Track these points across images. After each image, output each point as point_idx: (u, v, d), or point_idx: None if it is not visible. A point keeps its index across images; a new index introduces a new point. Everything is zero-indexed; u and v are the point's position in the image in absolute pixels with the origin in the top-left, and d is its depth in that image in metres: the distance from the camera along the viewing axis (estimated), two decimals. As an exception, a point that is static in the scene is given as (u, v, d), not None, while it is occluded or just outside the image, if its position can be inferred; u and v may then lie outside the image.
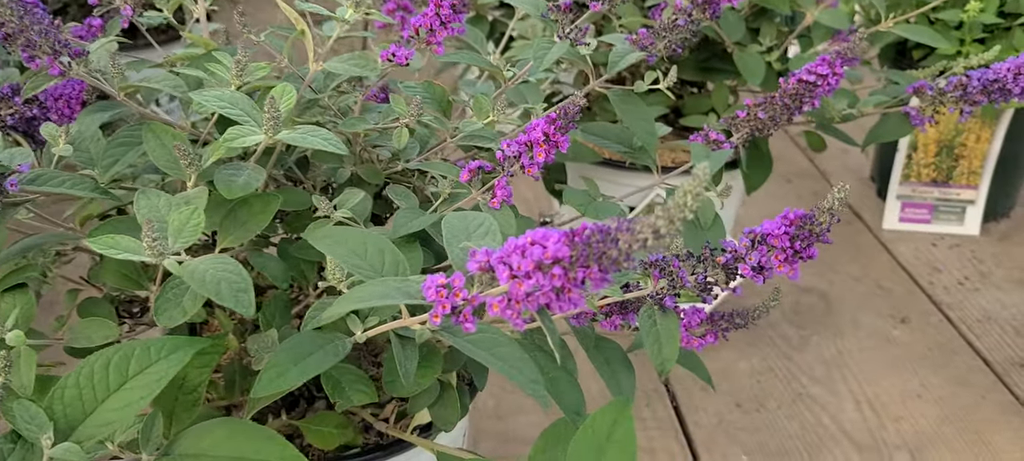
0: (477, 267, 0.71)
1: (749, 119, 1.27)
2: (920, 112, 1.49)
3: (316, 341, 0.84)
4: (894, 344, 1.87)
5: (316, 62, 0.98)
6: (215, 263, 0.80)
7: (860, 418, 1.67)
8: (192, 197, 0.86)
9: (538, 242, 0.68)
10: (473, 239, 0.80)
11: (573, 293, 0.68)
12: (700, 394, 1.71)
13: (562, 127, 0.92)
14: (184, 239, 0.79)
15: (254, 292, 1.15)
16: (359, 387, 0.92)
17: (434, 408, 1.00)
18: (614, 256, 0.64)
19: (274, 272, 0.96)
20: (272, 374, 0.80)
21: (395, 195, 0.99)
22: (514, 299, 0.69)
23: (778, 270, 0.81)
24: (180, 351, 0.78)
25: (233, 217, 0.90)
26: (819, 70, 1.26)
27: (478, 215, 0.83)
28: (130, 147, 0.91)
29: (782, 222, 0.81)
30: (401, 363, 0.85)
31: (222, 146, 0.84)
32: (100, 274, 0.99)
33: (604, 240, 0.64)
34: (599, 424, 0.88)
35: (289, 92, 0.86)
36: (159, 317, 0.83)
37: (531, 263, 0.67)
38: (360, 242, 0.83)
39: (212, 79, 0.92)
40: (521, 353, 0.81)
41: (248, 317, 0.79)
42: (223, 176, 0.88)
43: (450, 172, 0.98)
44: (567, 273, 0.66)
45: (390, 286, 0.75)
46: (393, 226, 0.93)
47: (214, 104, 0.85)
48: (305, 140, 0.83)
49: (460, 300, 0.72)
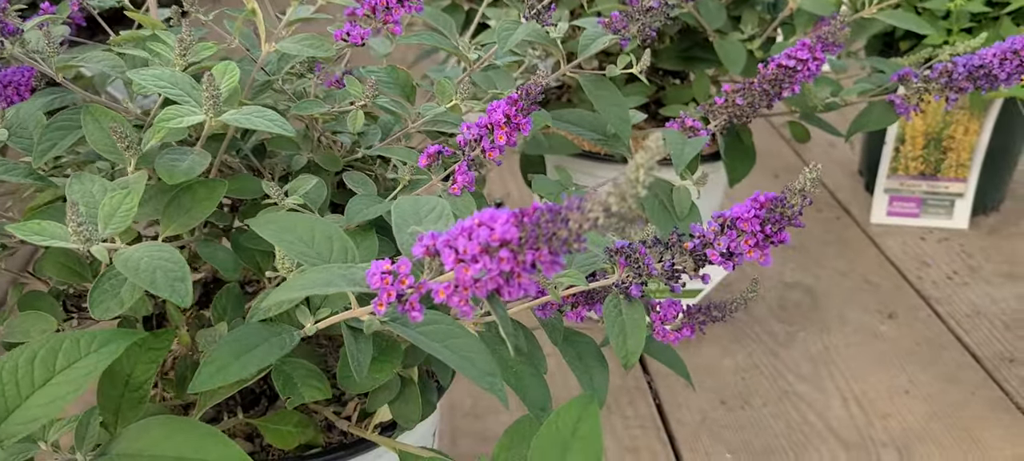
0: (423, 251, 0.66)
1: (727, 106, 1.23)
2: (905, 100, 1.45)
3: (261, 334, 0.79)
4: (882, 340, 1.83)
5: (269, 43, 0.93)
6: (150, 250, 0.75)
7: (847, 415, 1.63)
8: (131, 183, 0.82)
9: (485, 223, 0.63)
10: (424, 224, 0.76)
11: (523, 278, 0.63)
12: (683, 391, 1.67)
13: (524, 108, 0.87)
14: (115, 224, 0.74)
15: (213, 286, 1.12)
16: (312, 383, 0.87)
17: (395, 405, 0.96)
18: (564, 237, 0.59)
19: (223, 263, 0.91)
20: (211, 369, 0.76)
21: (352, 182, 0.94)
22: (461, 285, 0.64)
23: (748, 256, 0.76)
24: (112, 345, 0.73)
25: (177, 204, 0.85)
26: (799, 55, 1.22)
27: (431, 199, 0.78)
28: (69, 131, 0.87)
29: (752, 205, 0.76)
30: (353, 357, 0.81)
31: (160, 128, 0.79)
32: (44, 267, 0.94)
33: (554, 220, 0.59)
34: (563, 420, 0.84)
35: (231, 70, 0.82)
36: (94, 309, 0.78)
37: (477, 246, 0.62)
38: (307, 229, 0.79)
39: (156, 59, 0.88)
40: (477, 345, 0.76)
41: (183, 306, 0.74)
42: (165, 161, 0.83)
43: (409, 158, 0.93)
44: (516, 256, 0.62)
45: (334, 273, 0.70)
46: (347, 213, 0.89)
47: (153, 84, 0.80)
48: (249, 121, 0.79)
49: (406, 287, 0.68)
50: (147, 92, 0.85)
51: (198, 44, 0.88)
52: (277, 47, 0.92)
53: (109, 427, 0.85)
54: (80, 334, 0.73)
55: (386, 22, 0.93)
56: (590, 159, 1.62)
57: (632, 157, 1.22)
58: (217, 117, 0.79)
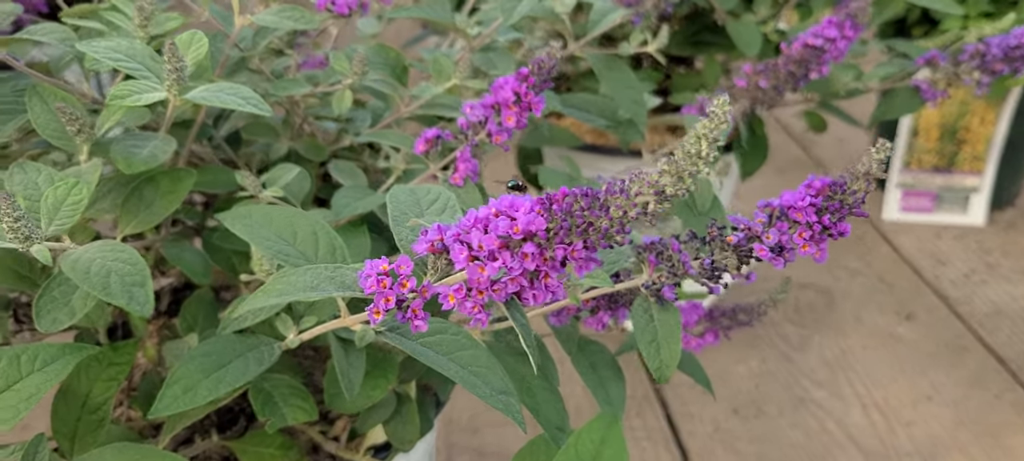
0: (427, 247, 0.55)
1: (749, 89, 1.12)
2: (933, 85, 1.34)
3: (235, 347, 0.68)
4: (900, 342, 1.72)
5: (243, 15, 0.82)
6: (104, 251, 0.64)
7: (868, 424, 1.52)
8: (83, 172, 0.70)
9: (504, 213, 0.52)
10: (426, 216, 0.64)
11: (551, 279, 0.52)
12: (694, 400, 1.56)
13: (536, 85, 0.76)
14: (61, 220, 0.63)
15: (184, 292, 1.00)
16: (295, 402, 0.76)
17: (390, 425, 0.84)
18: (604, 227, 0.48)
19: (192, 266, 0.79)
20: (177, 390, 0.64)
21: (338, 172, 0.83)
22: (475, 287, 0.53)
23: (802, 251, 0.66)
24: (59, 362, 0.62)
25: (137, 198, 0.73)
26: (827, 33, 1.12)
27: (433, 188, 0.67)
28: (12, 115, 0.75)
29: (806, 192, 0.66)
30: (344, 373, 0.70)
31: (115, 107, 0.68)
32: (-14, 272, 0.83)
33: (591, 207, 0.48)
34: (584, 443, 0.73)
35: (199, 40, 0.70)
36: (40, 320, 0.66)
37: (496, 240, 0.51)
38: (287, 224, 0.67)
39: (113, 32, 0.76)
40: (488, 359, 0.65)
41: (143, 316, 0.62)
42: (122, 147, 0.72)
43: (404, 143, 0.82)
44: (543, 252, 0.51)
45: (320, 275, 0.59)
46: (334, 207, 0.77)
47: (106, 56, 0.68)
48: (219, 99, 0.67)
49: (407, 291, 0.56)
50: (100, 67, 0.73)
51: (161, 14, 0.76)
52: (253, 19, 0.80)
53: (65, 454, 0.74)
54: (20, 350, 0.62)
55: (375, -10, 0.82)
56: (593, 152, 1.51)
57: (645, 143, 1.12)
58: (181, 95, 0.68)
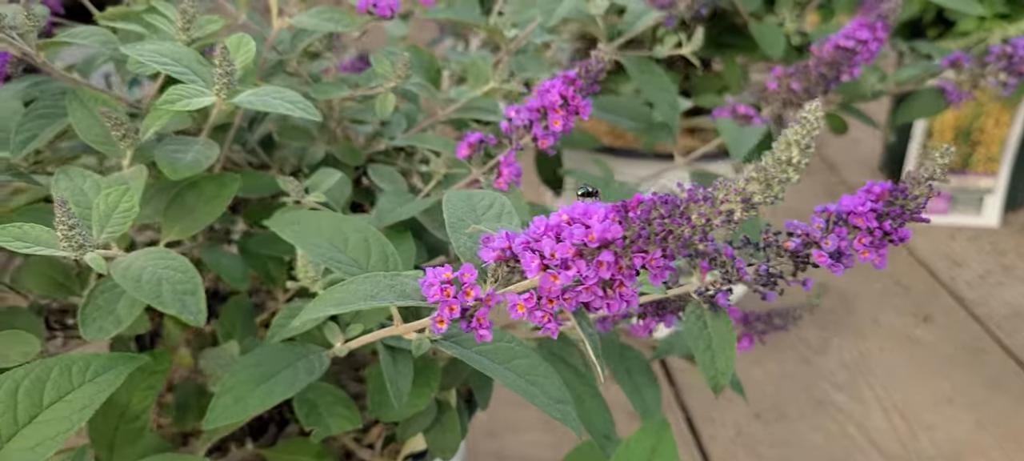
0: (495, 256, 0.54)
1: (781, 91, 1.11)
2: (958, 87, 1.34)
3: (285, 356, 0.67)
4: (919, 345, 1.72)
5: (281, 17, 0.81)
6: (154, 259, 0.62)
7: (889, 427, 1.51)
8: (128, 178, 0.69)
9: (578, 220, 0.51)
10: (483, 222, 0.63)
11: (625, 288, 0.51)
12: (715, 405, 1.55)
13: (583, 88, 0.75)
14: (113, 228, 0.61)
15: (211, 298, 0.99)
16: (339, 411, 0.75)
17: (431, 433, 0.83)
18: (685, 235, 0.47)
19: (231, 271, 0.78)
20: (228, 400, 0.63)
21: (379, 177, 0.82)
22: (546, 297, 0.52)
23: (862, 257, 0.65)
24: (111, 372, 0.60)
25: (180, 204, 0.72)
26: (858, 35, 1.11)
27: (486, 193, 0.66)
28: (51, 120, 0.74)
29: (866, 197, 0.65)
30: (392, 381, 0.68)
31: (162, 112, 0.66)
32: (23, 279, 0.81)
33: (671, 214, 0.47)
34: (635, 452, 0.72)
35: (247, 44, 0.69)
36: (86, 328, 0.65)
37: (570, 248, 0.50)
38: (338, 230, 0.66)
39: (153, 34, 0.75)
40: (545, 368, 0.64)
41: (196, 325, 0.61)
42: (166, 152, 0.70)
43: (445, 147, 0.81)
44: (619, 260, 0.50)
45: (379, 284, 0.58)
46: (377, 213, 0.76)
47: (152, 60, 0.67)
48: (267, 103, 0.66)
49: (471, 300, 0.55)
50: (144, 71, 0.72)
51: (202, 17, 0.75)
52: (292, 22, 0.79)
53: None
54: (71, 359, 0.60)
55: (417, -8, 0.81)
56: (613, 154, 1.50)
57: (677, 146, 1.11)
58: (229, 99, 0.66)
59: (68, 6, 1.04)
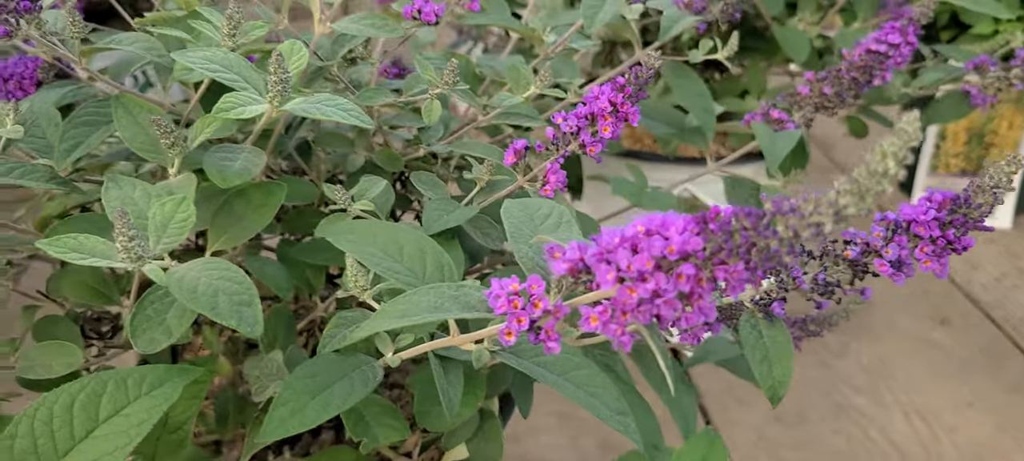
0: (567, 268, 0.53)
1: (813, 96, 1.10)
2: (982, 90, 1.33)
3: (339, 367, 0.66)
4: (937, 348, 1.71)
5: (322, 23, 0.80)
6: (209, 269, 0.61)
7: (911, 430, 1.51)
8: (176, 186, 0.68)
9: (657, 231, 0.50)
10: (542, 231, 0.62)
11: (704, 301, 0.50)
12: (736, 408, 1.54)
13: (632, 95, 0.74)
14: (169, 239, 0.60)
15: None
16: (386, 421, 0.74)
17: (473, 443, 0.82)
18: (770, 249, 0.46)
19: (276, 280, 0.77)
20: (284, 412, 0.62)
21: (421, 183, 0.81)
22: (621, 309, 0.51)
23: (924, 266, 0.64)
24: (167, 385, 0.59)
25: (227, 212, 0.71)
26: (890, 39, 1.10)
27: (542, 202, 0.65)
28: (95, 127, 0.73)
29: (928, 206, 0.64)
30: (444, 391, 0.68)
31: (214, 119, 0.65)
32: (61, 286, 0.80)
33: (756, 226, 0.47)
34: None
35: (300, 50, 0.68)
36: (136, 340, 0.64)
37: (648, 260, 0.49)
38: (393, 239, 0.65)
39: (197, 41, 0.74)
40: (603, 378, 0.63)
41: (254, 337, 0.60)
42: (215, 160, 0.69)
43: (490, 154, 0.80)
44: (700, 273, 0.49)
45: (443, 295, 0.57)
46: (425, 221, 0.75)
47: (203, 67, 0.66)
48: (321, 111, 0.65)
49: (540, 312, 0.55)
50: (191, 77, 0.71)
51: (247, 23, 0.74)
52: (335, 27, 0.78)
53: (144, 476, 0.72)
54: (126, 373, 0.59)
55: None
56: (634, 159, 1.50)
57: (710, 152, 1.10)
58: (282, 106, 0.66)
59: (87, 9, 1.03)
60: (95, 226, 0.71)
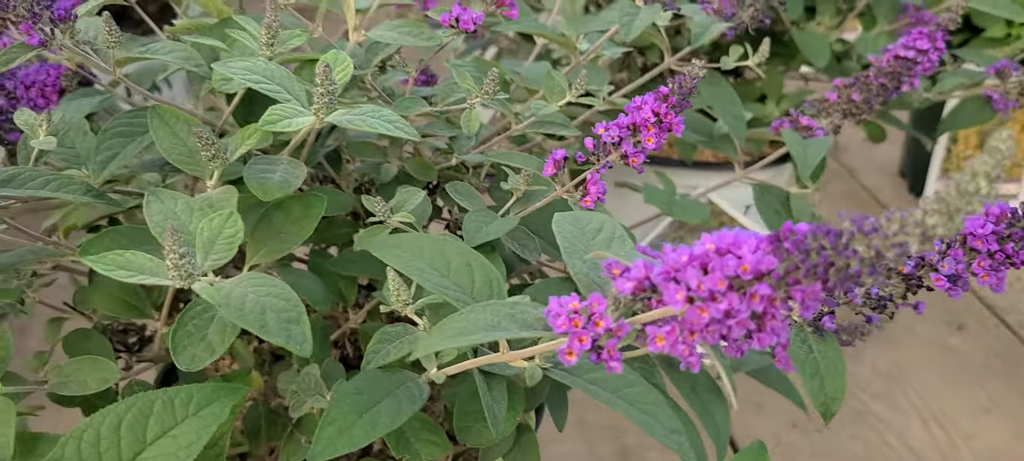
0: (632, 287, 0.52)
1: (841, 102, 1.09)
2: (1004, 95, 1.32)
3: (384, 384, 0.64)
4: (953, 353, 1.70)
5: (356, 31, 0.78)
6: (255, 285, 0.60)
7: (928, 437, 1.50)
8: (216, 199, 0.66)
9: (728, 250, 0.49)
10: (595, 246, 0.61)
11: (776, 321, 0.49)
12: (752, 416, 1.53)
13: (676, 105, 0.73)
14: (217, 255, 0.59)
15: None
16: (427, 438, 0.73)
17: (510, 456, 0.81)
18: (851, 269, 0.45)
19: (313, 294, 0.76)
20: (332, 431, 0.61)
21: (458, 194, 0.79)
22: (690, 329, 0.50)
23: (981, 280, 0.63)
24: (215, 404, 0.58)
25: (266, 225, 0.70)
26: (918, 45, 1.09)
27: (593, 215, 0.64)
28: (131, 138, 0.71)
29: (986, 220, 0.63)
30: (489, 408, 0.66)
31: (256, 131, 0.64)
32: (90, 299, 0.79)
33: (835, 245, 0.45)
34: (735, 477, 0.70)
35: (345, 61, 0.67)
36: (178, 356, 0.63)
37: (720, 280, 0.48)
38: (440, 253, 0.64)
39: (233, 50, 0.73)
40: (656, 396, 0.62)
41: (304, 355, 0.59)
42: (255, 172, 0.68)
43: (529, 164, 0.78)
44: (774, 294, 0.48)
45: (499, 313, 0.55)
46: (466, 233, 0.74)
47: (243, 77, 0.65)
48: (366, 122, 0.64)
49: (602, 331, 0.53)
50: (230, 88, 0.70)
51: (284, 32, 0.73)
52: (371, 36, 0.77)
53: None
54: (174, 392, 0.58)
55: (500, 5, 0.78)
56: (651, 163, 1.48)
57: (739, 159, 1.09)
58: (325, 118, 0.64)
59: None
60: (131, 239, 0.69)
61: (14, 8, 0.66)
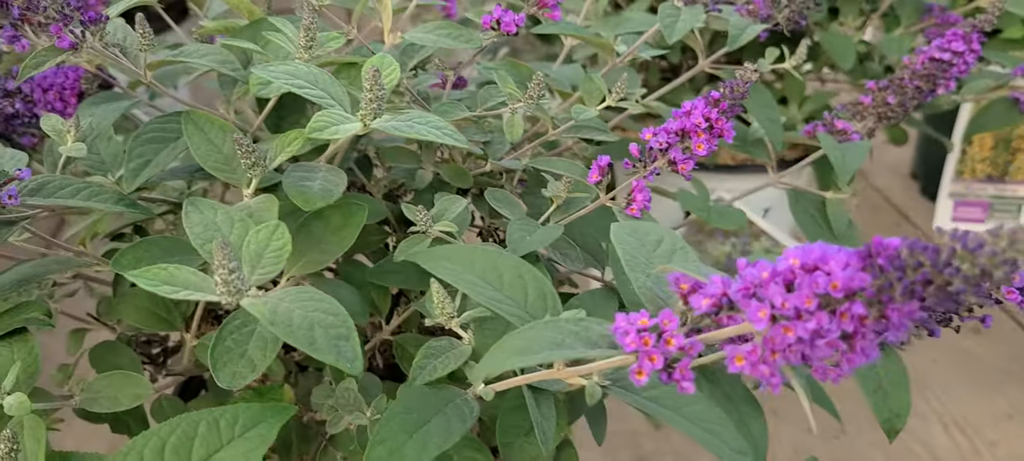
0: (711, 304, 0.49)
1: (875, 105, 1.07)
2: (1032, 97, 1.30)
3: (432, 401, 0.62)
4: (971, 357, 1.68)
5: (393, 33, 0.76)
6: (302, 300, 0.57)
7: (952, 444, 1.48)
8: (255, 209, 0.64)
9: (816, 266, 0.46)
10: (656, 259, 0.59)
11: (867, 340, 0.47)
12: (771, 420, 1.49)
13: (727, 110, 0.71)
14: (264, 269, 0.56)
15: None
16: (469, 455, 0.70)
17: (551, 473, 0.78)
18: (952, 287, 0.43)
19: (350, 305, 0.72)
20: (383, 451, 0.58)
21: (497, 202, 0.77)
22: (773, 349, 0.48)
23: (1054, 293, 0.61)
24: (261, 426, 0.55)
25: (305, 235, 0.67)
26: (953, 46, 1.07)
27: (651, 226, 0.61)
28: (163, 144, 0.69)
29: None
30: (538, 424, 0.64)
31: (299, 137, 0.61)
32: (117, 310, 0.76)
33: (935, 262, 0.43)
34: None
35: (392, 65, 0.64)
36: (218, 373, 0.60)
37: (809, 297, 0.46)
38: (492, 266, 0.61)
39: (267, 52, 0.70)
40: (718, 414, 0.60)
41: (354, 373, 0.56)
42: (294, 180, 0.65)
43: (570, 170, 0.76)
44: (867, 312, 0.45)
45: (563, 330, 0.53)
46: (510, 242, 0.71)
47: (284, 81, 0.62)
48: (414, 129, 0.61)
49: (674, 349, 0.51)
50: (269, 92, 0.67)
51: (322, 34, 0.70)
52: (408, 38, 0.74)
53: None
54: (219, 413, 0.55)
55: (542, 6, 0.76)
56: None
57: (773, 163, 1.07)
58: (371, 124, 0.61)
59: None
60: (163, 250, 0.67)
61: (45, 9, 0.63)
